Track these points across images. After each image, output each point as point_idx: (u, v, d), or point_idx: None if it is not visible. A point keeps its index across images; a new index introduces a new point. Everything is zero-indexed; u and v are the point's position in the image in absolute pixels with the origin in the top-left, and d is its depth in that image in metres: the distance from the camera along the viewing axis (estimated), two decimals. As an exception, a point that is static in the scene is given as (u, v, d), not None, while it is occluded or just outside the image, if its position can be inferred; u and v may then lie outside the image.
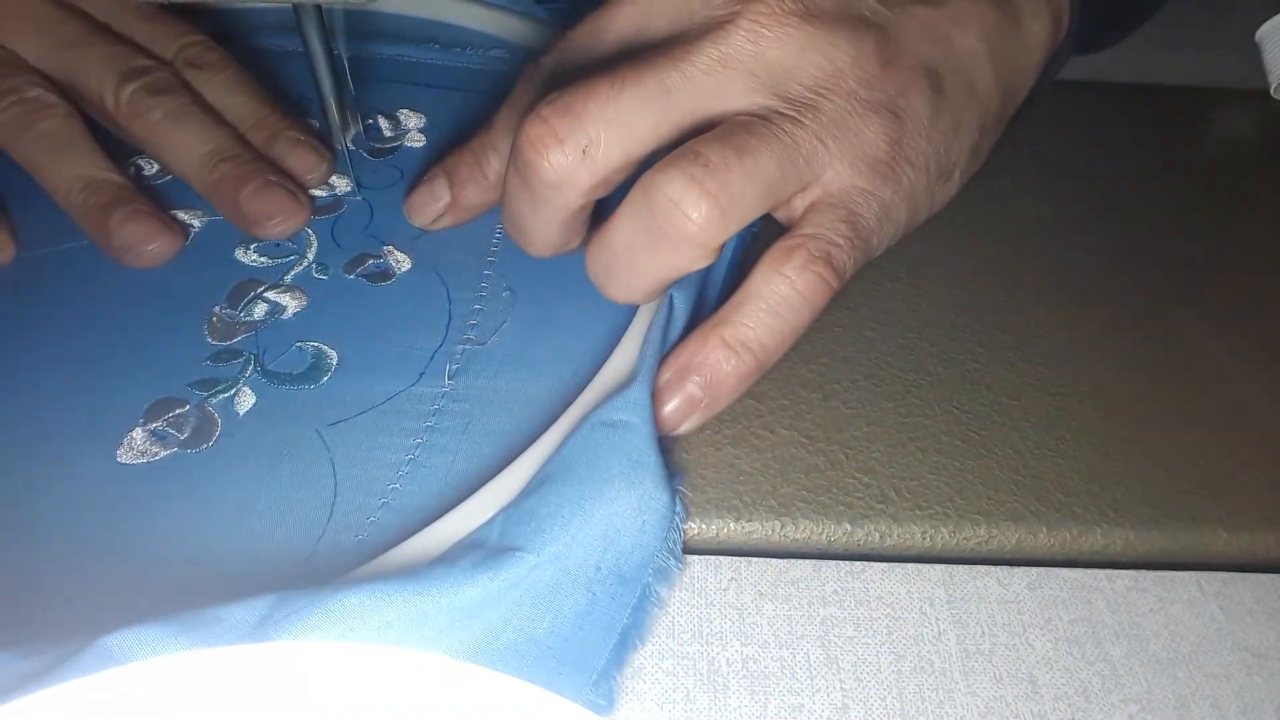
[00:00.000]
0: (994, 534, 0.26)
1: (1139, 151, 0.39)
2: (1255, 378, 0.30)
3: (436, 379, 0.28)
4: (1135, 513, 0.26)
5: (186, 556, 0.24)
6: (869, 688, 0.23)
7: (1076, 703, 0.23)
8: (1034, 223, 0.35)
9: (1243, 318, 0.32)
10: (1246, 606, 0.25)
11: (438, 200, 0.31)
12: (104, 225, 0.30)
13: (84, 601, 0.23)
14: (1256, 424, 0.28)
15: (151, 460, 0.26)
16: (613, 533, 0.23)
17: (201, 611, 0.21)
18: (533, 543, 0.22)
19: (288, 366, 0.28)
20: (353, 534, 0.25)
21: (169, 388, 0.28)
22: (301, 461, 0.26)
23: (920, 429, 0.28)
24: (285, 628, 0.20)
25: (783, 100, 0.25)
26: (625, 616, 0.23)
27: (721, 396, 0.26)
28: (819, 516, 0.26)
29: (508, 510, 0.24)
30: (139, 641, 0.20)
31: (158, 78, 0.32)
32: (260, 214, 0.31)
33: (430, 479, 0.26)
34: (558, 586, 0.22)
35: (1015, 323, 0.31)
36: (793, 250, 0.25)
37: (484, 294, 0.31)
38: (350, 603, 0.21)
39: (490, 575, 0.21)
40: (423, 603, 0.21)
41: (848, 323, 0.31)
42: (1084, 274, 0.33)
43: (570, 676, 0.22)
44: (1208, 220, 0.36)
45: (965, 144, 0.28)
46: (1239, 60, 0.42)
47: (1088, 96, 0.41)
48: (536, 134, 0.24)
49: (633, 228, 0.25)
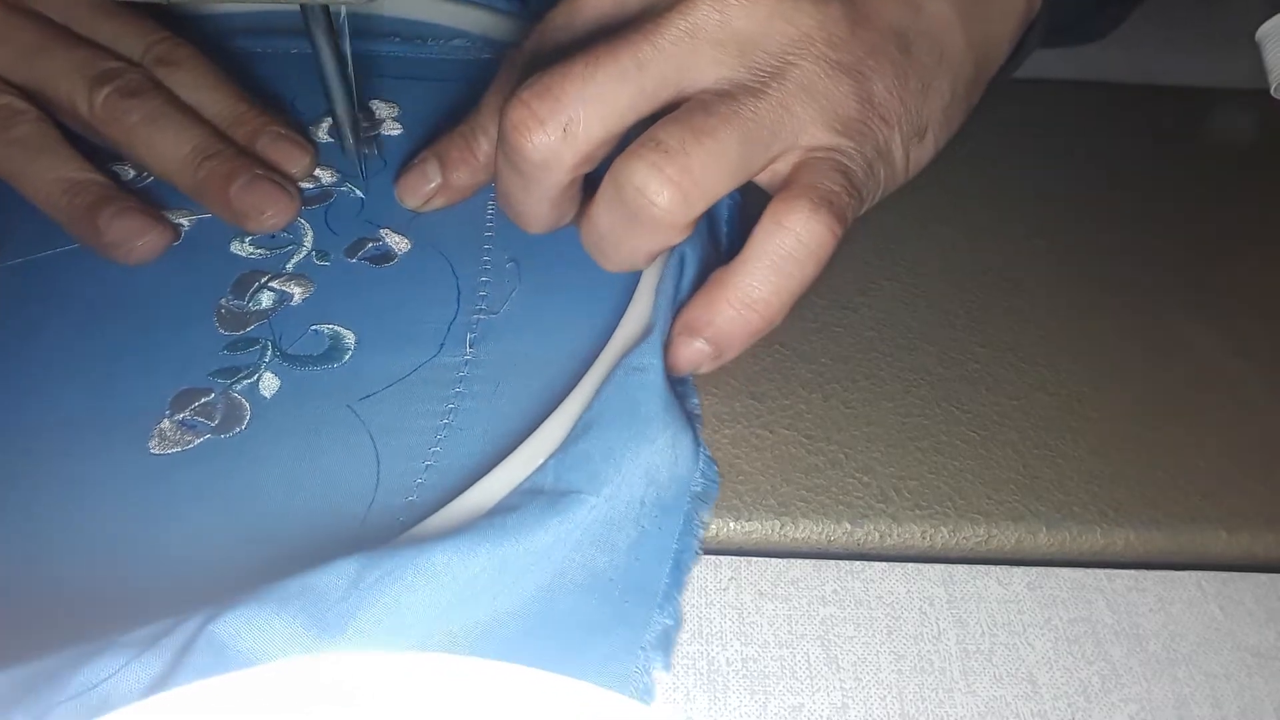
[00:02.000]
0: (993, 534, 0.26)
1: (1139, 151, 0.39)
2: (1255, 378, 0.30)
3: (458, 348, 0.29)
4: (1135, 513, 0.26)
5: (241, 537, 0.24)
6: (869, 688, 0.23)
7: (1076, 703, 0.23)
8: (1034, 223, 0.35)
9: (1243, 318, 0.32)
10: (1246, 606, 0.25)
11: (429, 182, 0.32)
12: (93, 225, 0.30)
13: (147, 593, 0.23)
14: (1256, 424, 0.28)
15: (186, 449, 0.26)
16: (652, 470, 0.24)
17: (288, 584, 0.21)
18: (590, 484, 0.24)
19: (307, 349, 0.29)
20: (403, 496, 0.25)
21: (190, 379, 0.28)
22: (338, 436, 0.27)
23: (920, 429, 0.28)
24: (381, 590, 0.21)
25: (749, 70, 0.26)
26: (674, 542, 0.24)
27: (730, 351, 0.27)
28: (819, 516, 0.26)
29: (558, 456, 0.25)
30: (244, 624, 0.20)
31: (130, 80, 0.31)
32: (252, 208, 0.31)
33: (468, 440, 0.27)
34: (611, 523, 0.24)
35: (1015, 323, 0.31)
36: (793, 202, 0.25)
37: (488, 267, 0.31)
38: (439, 559, 0.21)
39: (559, 519, 0.23)
40: (505, 550, 0.22)
41: (848, 323, 0.31)
42: (1084, 274, 0.33)
43: (636, 602, 0.23)
44: (1208, 220, 0.36)
45: (936, 105, 0.29)
46: (1239, 60, 0.42)
47: (1088, 96, 0.41)
48: (519, 117, 0.25)
49: (608, 213, 0.26)
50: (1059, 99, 0.41)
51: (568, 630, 0.22)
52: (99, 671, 0.19)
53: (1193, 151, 0.39)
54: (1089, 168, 0.38)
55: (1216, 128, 0.41)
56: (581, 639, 0.22)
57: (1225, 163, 0.39)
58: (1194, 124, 0.41)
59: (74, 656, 0.20)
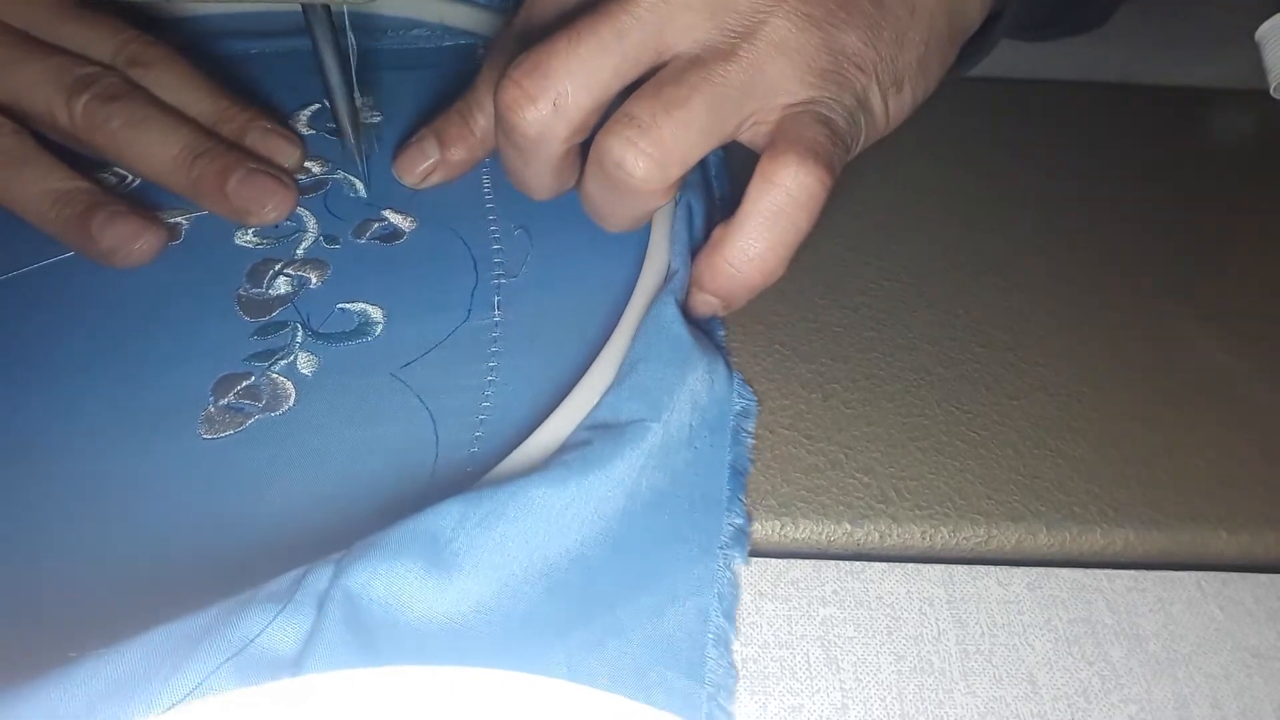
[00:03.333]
0: (993, 534, 0.26)
1: (1139, 151, 0.39)
2: (1255, 378, 0.30)
3: (486, 311, 0.30)
4: (1135, 513, 0.26)
5: (315, 502, 0.25)
6: (869, 688, 0.23)
7: (1076, 703, 0.23)
8: (1034, 222, 0.35)
9: (1243, 318, 0.32)
10: (1246, 606, 0.25)
11: (427, 158, 0.33)
12: (86, 232, 0.30)
13: (245, 562, 0.23)
14: (1256, 424, 0.28)
15: (239, 430, 0.27)
16: (696, 395, 0.26)
17: (399, 530, 0.22)
18: (652, 411, 0.25)
19: (337, 326, 0.29)
20: (465, 449, 0.26)
21: (226, 366, 0.28)
22: (389, 402, 0.27)
23: (920, 429, 0.28)
24: (488, 527, 0.22)
25: (721, 31, 0.26)
26: (728, 454, 0.26)
27: (737, 302, 0.28)
28: (819, 516, 0.26)
29: (614, 392, 0.26)
30: (371, 574, 0.21)
31: (108, 84, 0.31)
32: (252, 203, 0.31)
33: (516, 391, 0.28)
34: (668, 448, 0.25)
35: (1015, 323, 0.31)
36: (780, 157, 0.26)
37: (496, 235, 0.32)
38: (536, 494, 0.23)
39: (630, 446, 0.24)
40: (590, 480, 0.23)
41: (848, 323, 0.31)
42: (1084, 274, 0.33)
43: (705, 511, 0.25)
44: (1208, 220, 0.36)
45: (911, 57, 0.29)
46: (1239, 60, 0.42)
47: (1088, 96, 0.41)
48: (511, 96, 0.26)
49: (596, 184, 0.27)
50: (1059, 99, 0.41)
51: (649, 545, 0.24)
52: (252, 625, 0.20)
53: (1192, 151, 0.39)
54: (1089, 168, 0.38)
55: (1216, 128, 0.41)
56: (664, 550, 0.24)
57: (1225, 163, 0.39)
58: (1194, 124, 0.41)
59: (224, 610, 0.20)
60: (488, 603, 0.22)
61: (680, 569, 0.24)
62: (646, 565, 0.24)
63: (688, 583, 0.23)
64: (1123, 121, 0.40)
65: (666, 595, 0.23)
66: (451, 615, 0.22)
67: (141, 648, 0.20)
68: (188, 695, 0.19)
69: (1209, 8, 0.47)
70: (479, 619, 0.22)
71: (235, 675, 0.19)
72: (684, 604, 0.23)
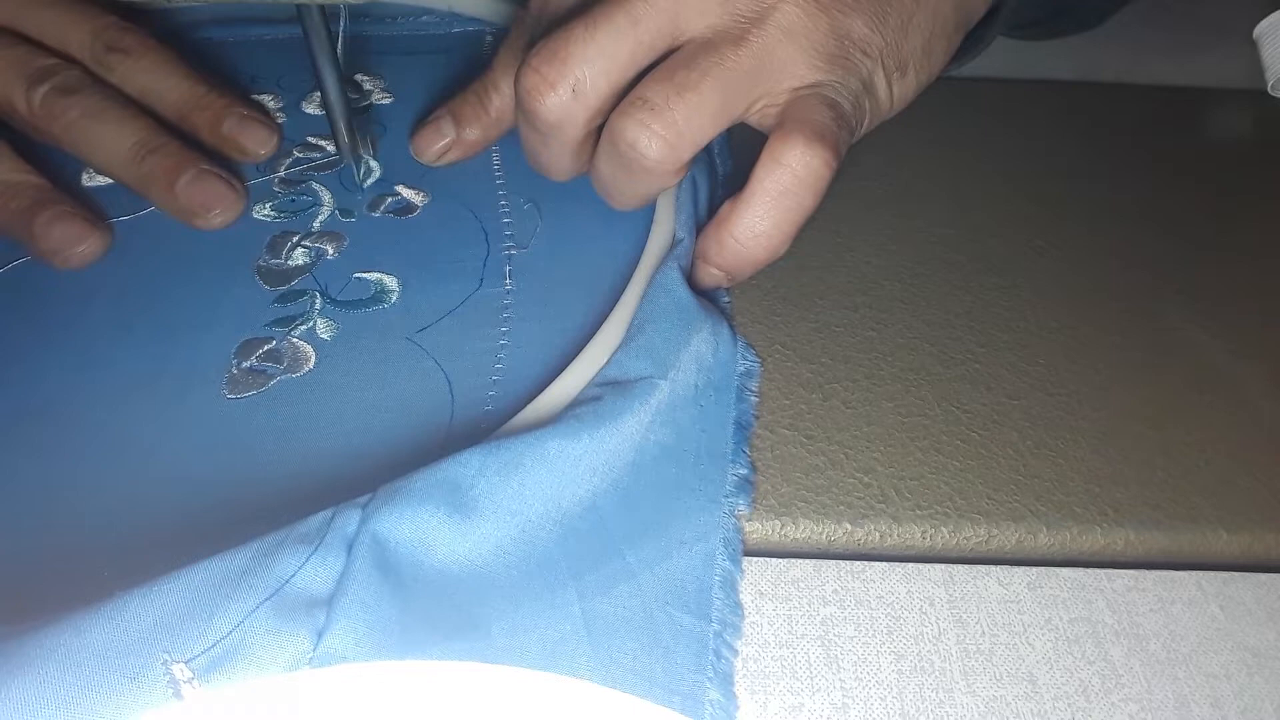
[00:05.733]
0: (994, 534, 0.26)
1: (1138, 151, 0.39)
2: (1255, 378, 0.30)
3: (497, 280, 0.31)
4: (1135, 513, 0.26)
5: (337, 454, 0.26)
6: (869, 688, 0.23)
7: (1076, 703, 0.23)
8: (1034, 222, 0.35)
9: (1243, 318, 0.32)
10: (1246, 606, 0.25)
11: (444, 137, 0.34)
12: (29, 230, 0.30)
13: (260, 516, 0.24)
14: (1256, 424, 0.28)
15: (262, 390, 0.28)
16: (700, 356, 0.28)
17: (423, 477, 0.23)
18: (659, 369, 0.26)
19: (355, 295, 0.30)
20: (479, 407, 0.27)
21: (248, 331, 0.29)
22: (405, 364, 0.28)
23: (920, 429, 0.28)
24: (506, 475, 0.23)
25: (732, 16, 0.27)
26: (732, 410, 0.27)
27: (742, 275, 0.30)
28: (819, 516, 0.26)
29: (623, 350, 0.27)
30: (397, 519, 0.22)
31: (68, 76, 0.31)
32: (199, 206, 0.31)
33: (527, 353, 0.29)
34: (674, 405, 0.26)
35: (1015, 323, 0.31)
36: (788, 138, 0.27)
37: (506, 209, 0.34)
38: (552, 446, 0.24)
39: (639, 402, 0.25)
40: (601, 433, 0.24)
41: (848, 323, 0.31)
42: (1084, 274, 0.33)
43: (711, 463, 0.26)
44: (1207, 220, 0.36)
45: (916, 42, 0.30)
46: (1238, 60, 0.42)
47: (1088, 96, 0.41)
48: (531, 84, 0.27)
49: (608, 164, 0.28)
50: (1059, 99, 0.41)
51: (657, 494, 0.25)
52: (287, 566, 0.21)
53: (1192, 151, 0.39)
54: (1088, 168, 0.38)
55: (1215, 127, 0.41)
56: (671, 500, 0.25)
57: (1224, 162, 0.39)
58: (1193, 124, 0.41)
59: (260, 551, 0.21)
60: (506, 546, 0.23)
61: (687, 517, 0.25)
62: (655, 514, 0.25)
63: (694, 529, 0.25)
64: (1122, 121, 0.40)
65: (674, 540, 0.24)
66: (472, 557, 0.23)
67: (183, 585, 0.20)
68: (230, 633, 0.20)
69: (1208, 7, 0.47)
70: (498, 560, 0.23)
71: (273, 614, 0.20)
72: (691, 549, 0.24)
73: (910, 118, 0.31)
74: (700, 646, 0.22)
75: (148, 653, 0.19)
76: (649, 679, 0.22)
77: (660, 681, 0.22)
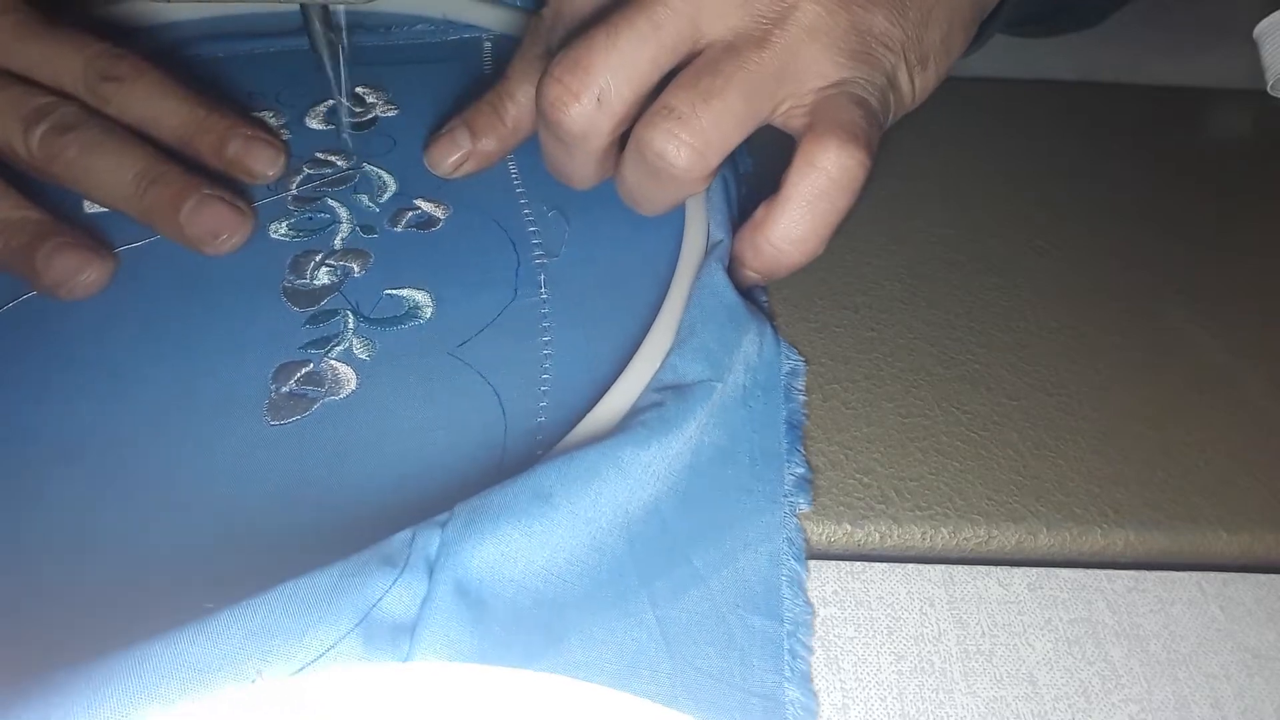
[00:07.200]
0: (994, 535, 0.26)
1: (1138, 151, 0.39)
2: (1255, 378, 0.30)
3: (531, 290, 0.31)
4: (1135, 513, 0.26)
5: (394, 478, 0.26)
6: (869, 688, 0.23)
7: (1076, 703, 0.23)
8: (1034, 222, 0.35)
9: (1243, 318, 0.32)
10: (1246, 606, 0.25)
11: (459, 149, 0.33)
12: (31, 265, 0.29)
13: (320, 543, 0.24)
14: (1256, 424, 0.28)
15: (305, 415, 0.27)
16: (748, 357, 0.28)
17: (498, 494, 0.22)
18: (715, 371, 0.26)
19: (386, 312, 0.30)
20: (532, 419, 0.27)
21: (283, 355, 0.28)
22: (450, 380, 0.28)
23: (920, 429, 0.28)
24: (584, 486, 0.23)
25: (753, 18, 0.27)
26: (782, 410, 0.27)
27: (778, 276, 0.29)
28: (819, 516, 0.26)
29: (676, 354, 0.27)
30: (477, 540, 0.22)
31: (64, 113, 0.30)
32: (206, 233, 0.30)
33: (574, 359, 0.29)
34: (725, 407, 0.26)
35: (1015, 323, 0.31)
36: (821, 140, 0.26)
37: (530, 218, 0.33)
38: (626, 454, 0.23)
39: (699, 405, 0.25)
40: (669, 439, 0.24)
41: (848, 323, 0.31)
42: (1084, 274, 0.33)
43: (766, 464, 0.26)
44: (1207, 220, 0.36)
45: (936, 35, 0.29)
46: (1238, 60, 0.42)
47: (1088, 96, 0.41)
48: (555, 94, 0.27)
49: (636, 173, 0.28)
50: (1059, 99, 0.41)
51: (717, 496, 0.25)
52: (374, 589, 0.20)
53: (1192, 151, 0.39)
54: (1088, 168, 0.38)
55: (1215, 127, 0.41)
56: (731, 501, 0.25)
57: (1224, 162, 0.39)
58: (1193, 124, 0.41)
59: (345, 572, 0.21)
60: (579, 555, 0.23)
61: (749, 518, 0.25)
62: (716, 516, 0.25)
63: (757, 530, 0.25)
64: (1122, 121, 0.40)
65: (739, 543, 0.24)
66: (548, 568, 0.22)
67: (267, 606, 0.20)
68: (320, 657, 0.19)
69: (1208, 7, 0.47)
70: (571, 570, 0.23)
71: (363, 640, 0.20)
72: (756, 550, 0.24)
73: (910, 117, 0.31)
74: (775, 648, 0.23)
75: (238, 669, 0.19)
76: (728, 683, 0.22)
77: (740, 685, 0.22)
